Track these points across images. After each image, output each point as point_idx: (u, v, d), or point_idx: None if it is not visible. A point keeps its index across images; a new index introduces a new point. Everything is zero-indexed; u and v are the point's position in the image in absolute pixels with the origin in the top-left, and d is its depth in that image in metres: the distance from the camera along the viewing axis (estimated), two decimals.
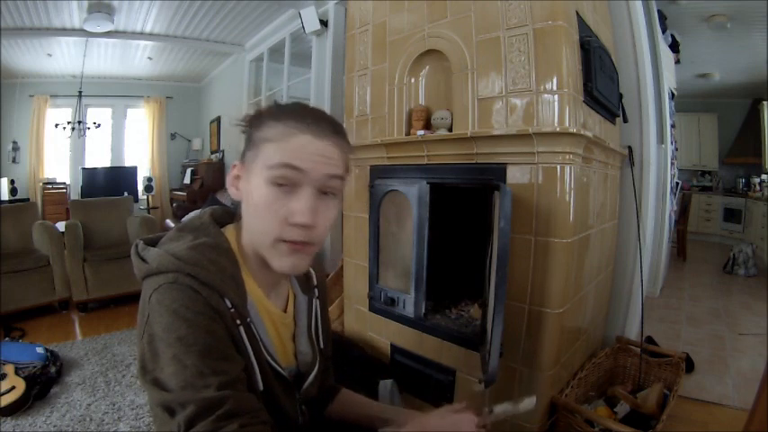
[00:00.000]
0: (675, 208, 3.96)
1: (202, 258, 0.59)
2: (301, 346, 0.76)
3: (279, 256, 0.61)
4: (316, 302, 0.81)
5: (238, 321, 0.60)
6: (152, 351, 0.55)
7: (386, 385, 1.02)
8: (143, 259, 0.61)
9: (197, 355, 0.52)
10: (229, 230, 0.68)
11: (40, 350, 2.08)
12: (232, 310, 0.59)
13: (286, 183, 0.59)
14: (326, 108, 3.63)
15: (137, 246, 0.64)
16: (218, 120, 6.55)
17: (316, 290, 0.82)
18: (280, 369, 0.68)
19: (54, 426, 1.69)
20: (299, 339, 0.76)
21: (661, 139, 2.63)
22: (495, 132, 1.44)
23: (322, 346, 0.81)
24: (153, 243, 0.66)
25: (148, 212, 6.13)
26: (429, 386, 1.72)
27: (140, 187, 6.53)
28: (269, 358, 0.66)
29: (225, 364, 0.54)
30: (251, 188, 0.61)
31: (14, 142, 6.05)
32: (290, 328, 0.75)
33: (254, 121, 0.64)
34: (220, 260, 0.61)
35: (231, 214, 0.71)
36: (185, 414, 0.50)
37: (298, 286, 0.79)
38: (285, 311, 0.75)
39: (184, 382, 0.51)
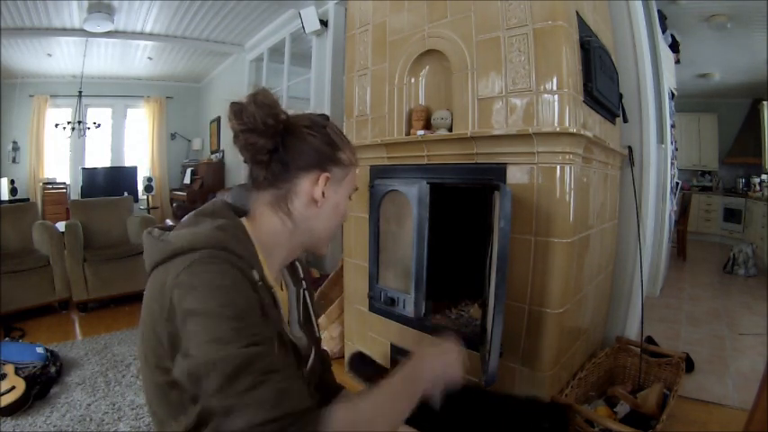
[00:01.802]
0: (675, 208, 3.96)
1: (229, 236, 0.63)
2: (295, 332, 0.80)
3: (328, 244, 0.79)
4: (304, 293, 0.85)
5: (263, 294, 0.63)
6: (183, 328, 0.55)
7: None
8: (165, 241, 0.62)
9: (232, 319, 0.54)
10: (243, 220, 0.72)
11: (40, 350, 2.08)
12: (260, 282, 0.63)
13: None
14: (327, 108, 3.63)
15: (151, 232, 0.66)
16: (218, 120, 6.55)
17: (303, 282, 0.86)
18: (294, 340, 0.72)
19: (54, 426, 1.69)
20: (292, 326, 0.80)
21: (661, 139, 2.64)
22: (495, 132, 1.44)
23: (317, 335, 0.86)
24: (169, 230, 0.68)
25: (148, 212, 6.13)
26: None
27: (140, 187, 6.53)
28: (287, 329, 0.70)
29: (262, 327, 0.57)
30: (339, 199, 0.75)
31: (14, 142, 6.05)
32: (286, 312, 0.79)
33: (338, 141, 0.74)
34: (242, 238, 0.65)
35: (238, 209, 0.75)
36: (223, 370, 0.51)
37: (289, 278, 0.83)
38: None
39: (220, 340, 0.52)
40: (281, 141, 0.69)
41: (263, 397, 0.51)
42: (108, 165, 6.77)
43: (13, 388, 1.78)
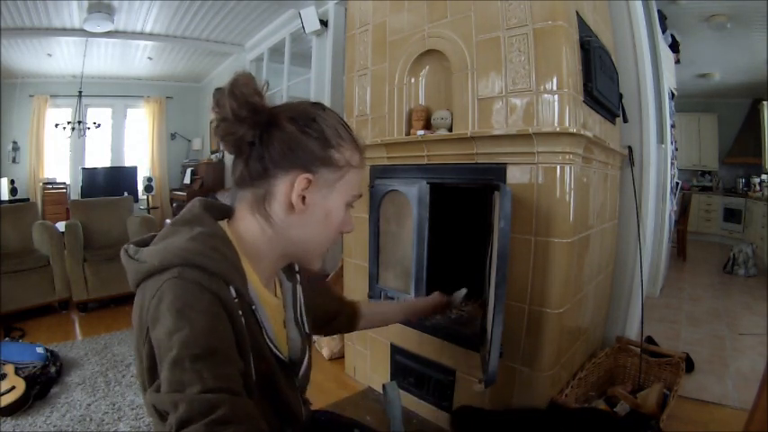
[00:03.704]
0: (675, 208, 3.96)
1: (204, 248, 0.58)
2: (291, 333, 0.76)
3: (322, 257, 0.72)
4: (298, 288, 0.81)
5: (240, 312, 0.59)
6: (156, 357, 0.54)
7: (393, 387, 1.03)
8: (139, 261, 0.59)
9: (197, 359, 0.50)
10: (223, 225, 0.67)
11: (40, 350, 2.08)
12: (236, 299, 0.59)
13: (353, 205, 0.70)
14: None
15: (126, 251, 0.61)
16: None
17: (298, 275, 0.82)
18: (282, 356, 0.68)
19: (54, 426, 1.69)
20: (289, 325, 0.76)
21: (661, 139, 2.63)
22: (495, 132, 1.44)
23: (308, 330, 0.81)
24: (143, 244, 0.63)
25: (148, 212, 6.12)
26: (429, 386, 1.72)
27: (140, 187, 6.52)
28: (272, 346, 0.66)
29: (226, 368, 0.53)
30: (330, 207, 0.66)
31: (14, 142, 6.04)
32: (282, 315, 0.76)
33: (330, 135, 0.64)
34: (221, 248, 0.60)
35: (222, 208, 0.70)
36: (177, 415, 0.49)
37: (283, 274, 0.79)
38: (276, 297, 0.75)
39: (181, 384, 0.50)
40: (260, 134, 0.62)
41: None
42: (108, 165, 6.76)
43: (13, 388, 1.78)
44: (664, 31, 3.03)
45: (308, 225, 0.65)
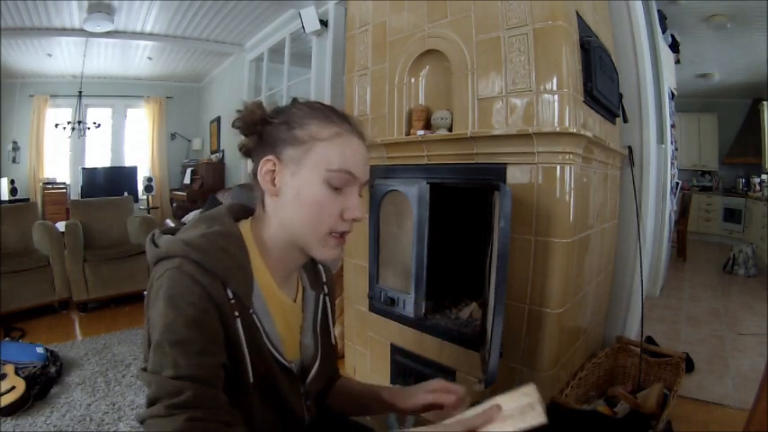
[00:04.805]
0: (675, 208, 3.96)
1: (211, 246, 0.61)
2: (306, 339, 0.77)
3: (326, 247, 0.68)
4: (324, 299, 0.82)
5: (236, 313, 0.61)
6: (148, 337, 0.58)
7: None
8: (156, 245, 0.63)
9: (175, 345, 0.54)
10: (244, 224, 0.71)
11: (40, 350, 2.08)
12: (232, 300, 0.60)
13: (341, 185, 0.66)
14: None
15: (153, 234, 0.67)
16: (218, 120, 6.55)
17: (324, 286, 0.83)
18: (283, 361, 0.69)
19: (54, 426, 1.69)
20: (304, 332, 0.77)
21: (661, 139, 2.64)
22: (495, 132, 1.44)
23: (334, 341, 0.83)
24: (170, 233, 0.68)
25: (148, 212, 6.12)
26: None
27: (140, 187, 6.52)
28: (272, 350, 0.67)
29: (203, 358, 0.55)
30: (300, 185, 0.65)
31: (14, 142, 6.04)
32: (299, 319, 0.77)
33: (294, 118, 0.67)
34: (230, 248, 0.63)
35: (248, 210, 0.74)
36: (149, 393, 0.54)
37: (307, 281, 0.80)
38: (295, 302, 0.76)
39: (159, 366, 0.54)
40: (257, 141, 0.70)
41: (164, 428, 0.51)
42: (108, 165, 6.76)
43: (13, 388, 1.78)
44: (664, 31, 3.03)
45: (287, 207, 0.67)
